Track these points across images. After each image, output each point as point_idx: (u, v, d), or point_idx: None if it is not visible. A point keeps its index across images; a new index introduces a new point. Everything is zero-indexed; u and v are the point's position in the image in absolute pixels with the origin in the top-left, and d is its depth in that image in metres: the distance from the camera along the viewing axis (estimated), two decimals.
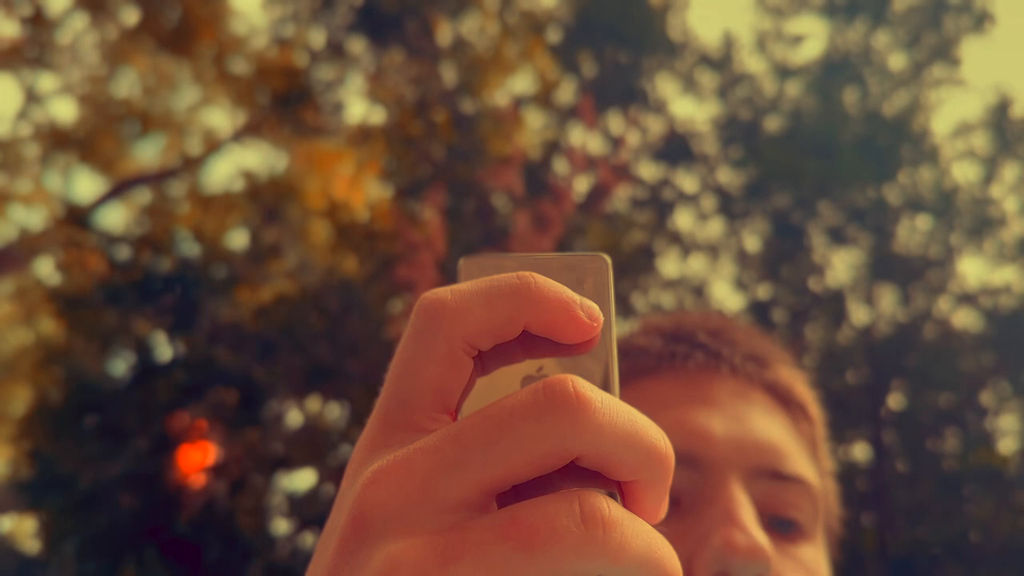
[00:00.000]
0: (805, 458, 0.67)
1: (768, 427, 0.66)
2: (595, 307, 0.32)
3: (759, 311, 10.41)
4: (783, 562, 0.61)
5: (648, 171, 10.65)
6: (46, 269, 9.52)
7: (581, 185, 9.56)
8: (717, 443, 0.64)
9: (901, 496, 10.03)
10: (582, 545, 0.27)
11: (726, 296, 11.09)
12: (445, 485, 0.28)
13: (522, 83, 10.18)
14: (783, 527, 0.63)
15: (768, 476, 0.63)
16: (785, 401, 0.70)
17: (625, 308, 9.72)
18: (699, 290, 10.51)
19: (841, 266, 10.71)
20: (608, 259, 0.35)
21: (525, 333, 0.32)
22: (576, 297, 0.32)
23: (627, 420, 0.29)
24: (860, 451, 10.52)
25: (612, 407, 0.29)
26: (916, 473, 10.16)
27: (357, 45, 9.94)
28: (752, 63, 10.95)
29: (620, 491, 0.31)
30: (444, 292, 0.32)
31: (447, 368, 0.31)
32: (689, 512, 0.61)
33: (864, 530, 9.86)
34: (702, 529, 0.59)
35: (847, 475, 10.27)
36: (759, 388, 0.69)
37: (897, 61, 10.86)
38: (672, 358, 0.69)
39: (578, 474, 0.30)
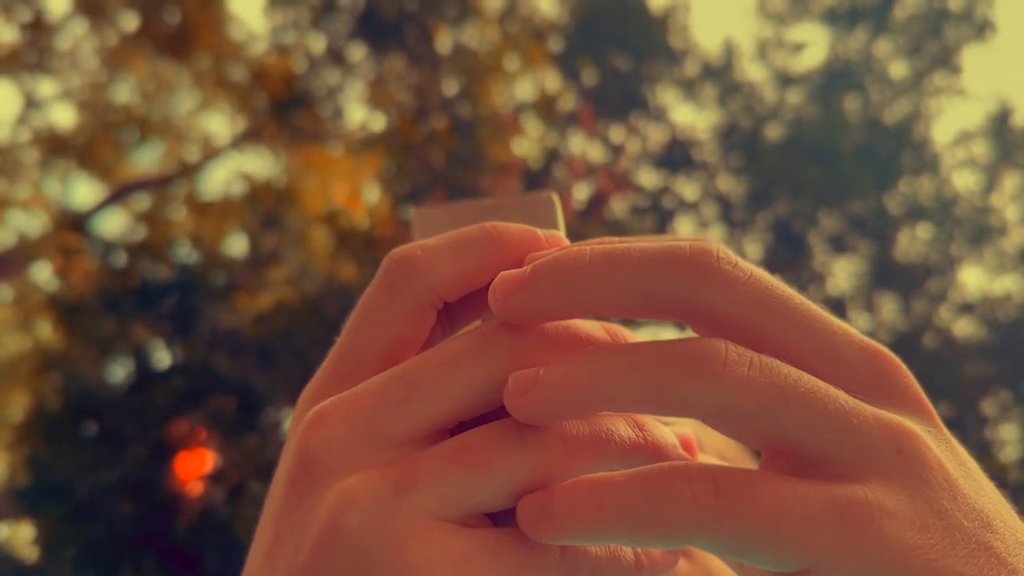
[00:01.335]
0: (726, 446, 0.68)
1: None
2: (559, 235, 0.33)
3: None
4: None
5: (648, 179, 10.66)
6: (44, 275, 9.51)
7: (581, 192, 9.57)
8: None
9: None
10: (525, 462, 0.28)
11: None
12: (392, 422, 0.28)
13: (522, 90, 10.19)
14: None
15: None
16: None
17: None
18: None
19: (842, 274, 10.72)
20: (556, 196, 0.36)
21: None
22: (539, 231, 0.33)
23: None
24: None
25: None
26: None
27: (357, 52, 9.95)
28: (753, 71, 10.98)
29: None
30: (414, 247, 0.32)
31: (411, 320, 0.32)
32: None
33: None
34: None
35: None
36: None
37: (898, 69, 10.88)
38: None
39: None
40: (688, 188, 10.74)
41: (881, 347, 0.30)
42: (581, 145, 10.19)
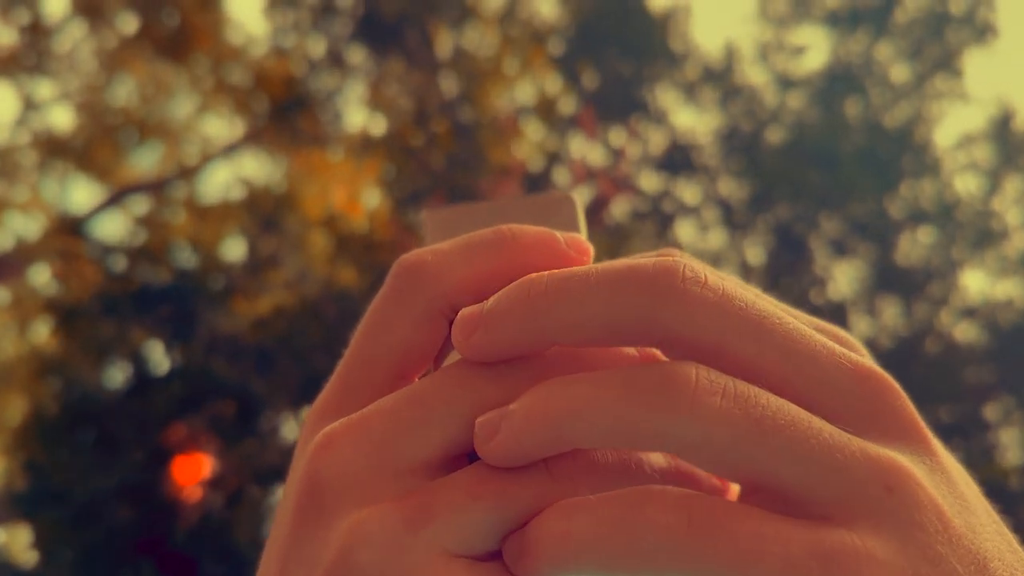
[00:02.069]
0: None
1: None
2: (580, 238, 0.31)
3: None
4: None
5: (649, 182, 10.67)
6: (42, 278, 9.51)
7: (581, 196, 9.57)
8: None
9: None
10: (549, 493, 0.26)
11: None
12: (405, 446, 0.27)
13: (523, 93, 10.19)
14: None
15: None
16: None
17: None
18: None
19: (843, 278, 10.74)
20: (576, 196, 0.34)
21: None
22: (558, 234, 0.31)
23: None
24: None
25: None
26: None
27: (357, 54, 9.96)
28: (754, 74, 10.99)
29: None
30: (424, 253, 0.31)
31: (422, 330, 0.30)
32: None
33: None
34: None
35: None
36: None
37: (899, 73, 10.89)
38: None
39: None
40: (689, 192, 10.76)
41: (872, 368, 0.27)
42: (581, 148, 10.20)
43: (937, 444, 0.27)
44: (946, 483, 0.26)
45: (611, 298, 0.26)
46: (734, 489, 0.31)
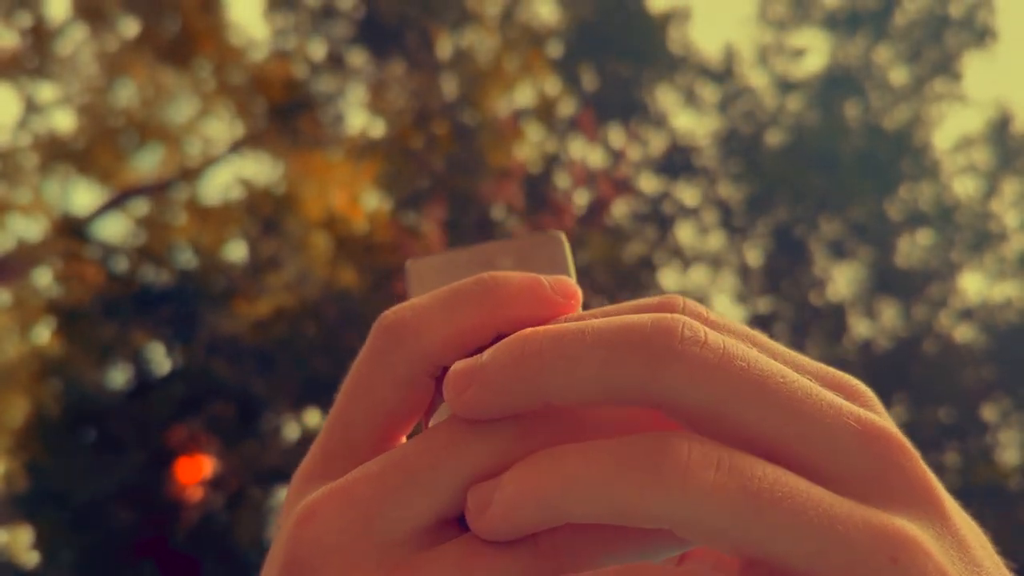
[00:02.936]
0: None
1: None
2: (567, 281, 0.30)
3: (760, 324, 10.40)
4: None
5: (649, 184, 10.66)
6: (44, 280, 9.51)
7: (581, 198, 9.57)
8: None
9: None
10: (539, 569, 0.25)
11: (727, 309, 11.08)
12: (391, 516, 0.26)
13: (522, 95, 10.19)
14: None
15: None
16: None
17: None
18: (700, 303, 10.49)
19: (842, 280, 10.72)
20: (563, 235, 0.33)
21: (499, 335, 0.29)
22: (543, 279, 0.29)
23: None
24: None
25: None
26: None
27: (357, 57, 9.96)
28: (753, 76, 10.98)
29: None
30: (404, 309, 0.30)
31: (405, 392, 0.29)
32: None
33: None
34: None
35: None
36: None
37: (898, 75, 10.89)
38: None
39: None
40: (688, 194, 10.75)
41: (881, 426, 0.26)
42: (581, 150, 10.20)
43: (950, 505, 0.26)
44: (957, 549, 0.25)
45: (607, 358, 0.25)
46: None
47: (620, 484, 0.24)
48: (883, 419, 0.26)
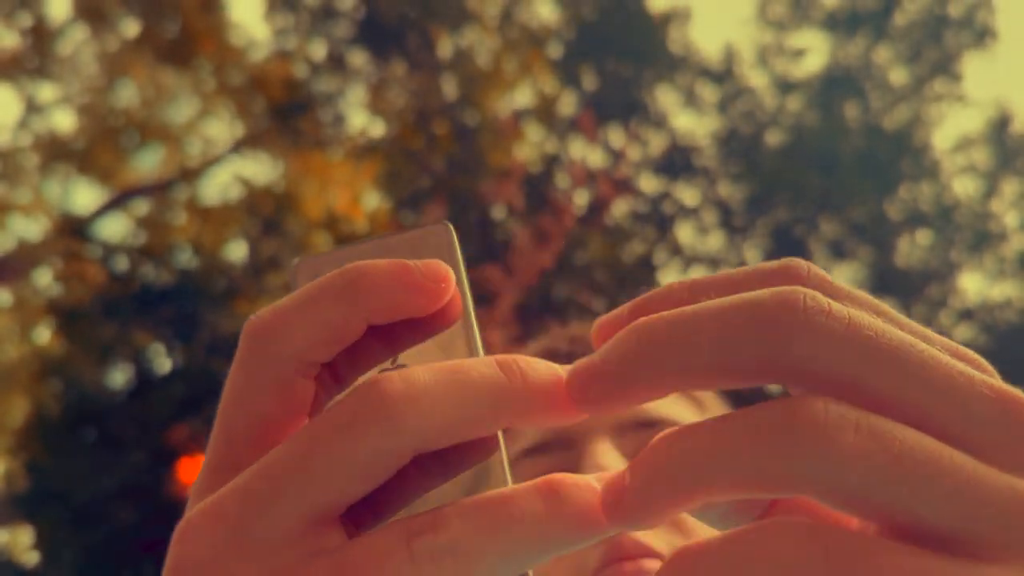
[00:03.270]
0: (675, 404, 0.68)
1: None
2: (439, 266, 0.29)
3: None
4: None
5: (649, 184, 10.67)
6: (44, 280, 9.51)
7: (581, 198, 9.58)
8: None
9: None
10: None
11: None
12: (261, 526, 0.25)
13: (522, 96, 10.20)
14: None
15: (633, 427, 0.64)
16: None
17: None
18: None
19: (842, 280, 10.69)
20: (450, 226, 0.32)
21: (376, 327, 0.29)
22: (412, 264, 0.29)
23: (455, 397, 0.26)
24: None
25: (437, 390, 0.26)
26: None
27: (358, 57, 9.96)
28: (753, 77, 10.99)
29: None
30: (266, 312, 0.29)
31: (279, 395, 0.28)
32: None
33: None
34: None
35: None
36: None
37: (898, 76, 10.90)
38: None
39: (430, 465, 0.28)
40: (688, 194, 10.76)
41: (1015, 394, 0.25)
42: (581, 150, 10.20)
43: None
44: None
45: (731, 336, 0.24)
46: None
47: (755, 451, 0.23)
48: (1013, 388, 0.25)
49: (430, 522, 0.25)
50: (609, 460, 0.60)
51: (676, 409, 0.67)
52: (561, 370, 0.28)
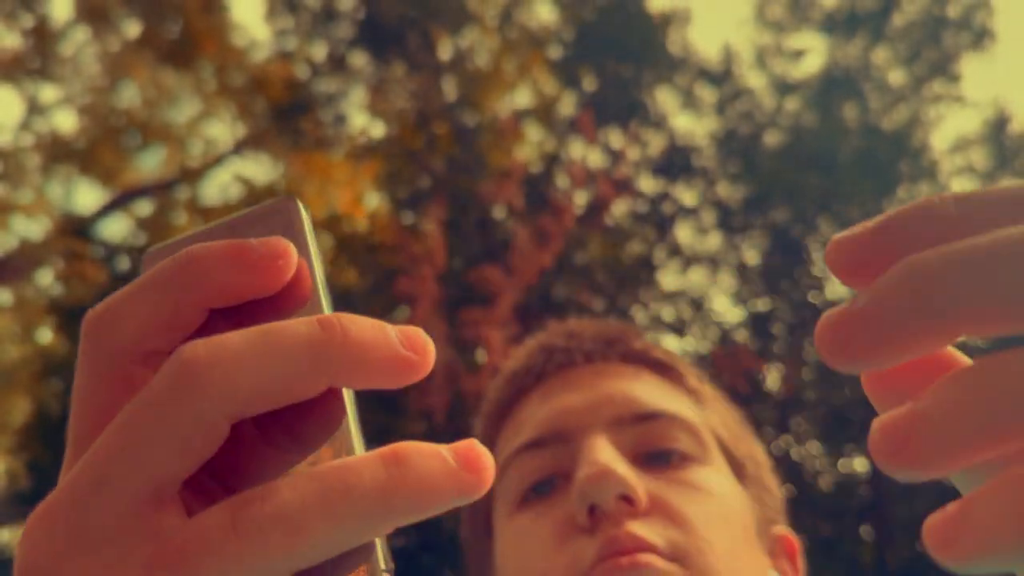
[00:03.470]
0: (674, 398, 0.68)
1: (624, 385, 0.68)
2: (276, 243, 0.28)
3: (759, 324, 10.43)
4: (667, 486, 0.61)
5: (648, 185, 10.68)
6: (46, 280, 9.52)
7: (581, 198, 9.59)
8: (574, 411, 0.66)
9: (900, 509, 10.03)
10: (232, 554, 0.24)
11: (726, 309, 11.10)
12: (93, 517, 0.25)
13: (522, 97, 10.21)
14: (660, 458, 0.64)
15: (630, 421, 0.64)
16: (645, 363, 0.71)
17: (626, 320, 9.71)
18: (698, 303, 10.52)
19: None
20: (296, 199, 0.31)
21: (224, 310, 0.28)
22: (248, 243, 0.27)
23: (266, 358, 0.25)
24: (859, 464, 10.52)
25: (246, 352, 0.25)
26: (915, 486, 10.15)
27: (358, 58, 9.98)
28: (752, 78, 11.00)
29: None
30: (100, 305, 0.28)
31: (113, 390, 0.27)
32: (569, 480, 0.62)
33: (863, 543, 9.86)
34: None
35: (846, 488, 10.27)
36: (615, 362, 0.71)
37: (897, 77, 10.90)
38: (537, 372, 0.72)
39: (281, 440, 0.27)
40: (687, 194, 10.76)
41: None
42: (581, 151, 10.21)
43: None
44: None
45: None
46: None
47: None
48: None
49: (259, 494, 0.24)
50: (606, 455, 0.60)
51: (676, 403, 0.67)
52: (390, 328, 0.27)
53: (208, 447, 0.25)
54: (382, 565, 0.26)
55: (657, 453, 0.63)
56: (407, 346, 0.27)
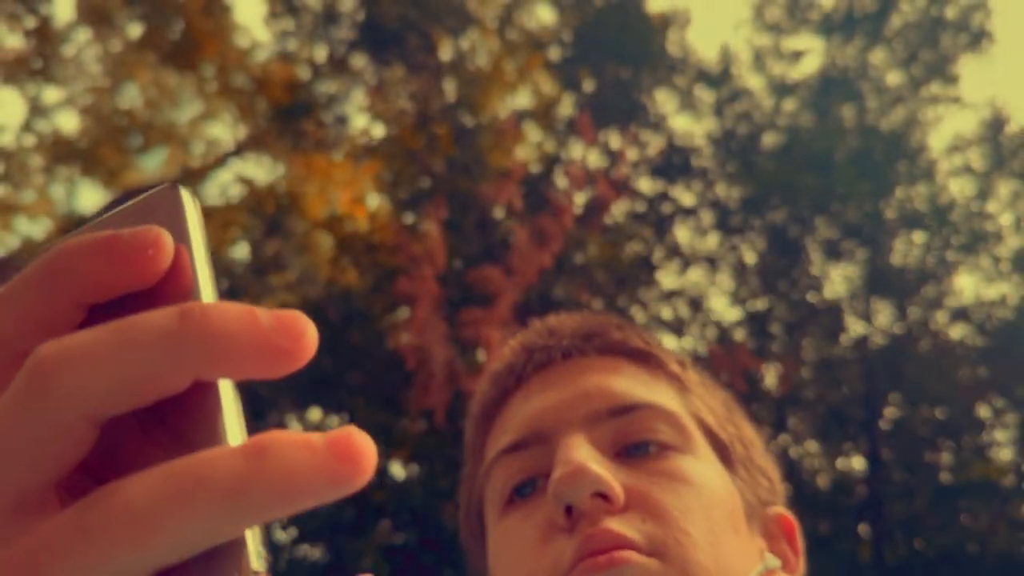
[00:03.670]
0: (653, 387, 0.68)
1: (601, 380, 0.68)
2: (147, 232, 0.26)
3: (757, 323, 10.46)
4: (645, 479, 0.61)
5: (647, 185, 10.69)
6: None
7: (580, 199, 9.61)
8: (551, 410, 0.66)
9: (897, 507, 10.07)
10: (79, 555, 0.23)
11: (724, 308, 11.14)
12: None
13: (522, 98, 10.23)
14: (639, 450, 0.63)
15: (607, 415, 0.64)
16: (624, 353, 0.71)
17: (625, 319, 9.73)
18: (697, 302, 10.55)
19: (837, 280, 10.74)
20: (179, 186, 0.29)
21: (105, 306, 0.27)
22: (117, 234, 0.26)
23: (120, 354, 0.24)
24: (856, 462, 10.56)
25: (97, 349, 0.24)
26: (912, 484, 10.19)
27: (359, 60, 9.99)
28: (750, 79, 11.02)
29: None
30: None
31: None
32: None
33: (861, 541, 9.90)
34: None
35: (844, 486, 10.30)
36: (593, 356, 0.71)
37: (894, 78, 10.93)
38: (518, 373, 0.72)
39: (157, 434, 0.26)
40: (686, 195, 10.78)
41: None
42: (580, 152, 10.23)
43: None
44: None
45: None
46: None
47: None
48: None
49: (106, 492, 0.23)
50: (580, 453, 0.60)
51: (654, 392, 0.67)
52: (262, 313, 0.26)
53: (71, 451, 0.24)
54: (253, 563, 0.25)
55: (635, 445, 0.63)
56: (280, 333, 0.25)
